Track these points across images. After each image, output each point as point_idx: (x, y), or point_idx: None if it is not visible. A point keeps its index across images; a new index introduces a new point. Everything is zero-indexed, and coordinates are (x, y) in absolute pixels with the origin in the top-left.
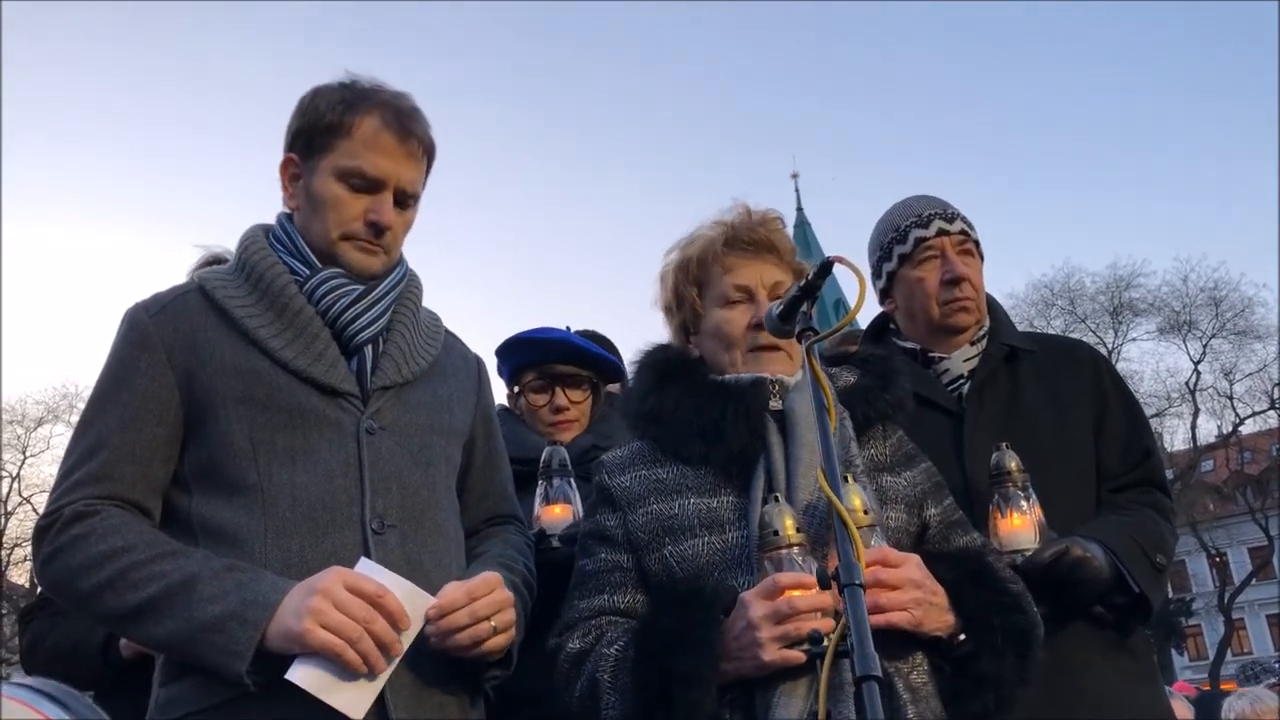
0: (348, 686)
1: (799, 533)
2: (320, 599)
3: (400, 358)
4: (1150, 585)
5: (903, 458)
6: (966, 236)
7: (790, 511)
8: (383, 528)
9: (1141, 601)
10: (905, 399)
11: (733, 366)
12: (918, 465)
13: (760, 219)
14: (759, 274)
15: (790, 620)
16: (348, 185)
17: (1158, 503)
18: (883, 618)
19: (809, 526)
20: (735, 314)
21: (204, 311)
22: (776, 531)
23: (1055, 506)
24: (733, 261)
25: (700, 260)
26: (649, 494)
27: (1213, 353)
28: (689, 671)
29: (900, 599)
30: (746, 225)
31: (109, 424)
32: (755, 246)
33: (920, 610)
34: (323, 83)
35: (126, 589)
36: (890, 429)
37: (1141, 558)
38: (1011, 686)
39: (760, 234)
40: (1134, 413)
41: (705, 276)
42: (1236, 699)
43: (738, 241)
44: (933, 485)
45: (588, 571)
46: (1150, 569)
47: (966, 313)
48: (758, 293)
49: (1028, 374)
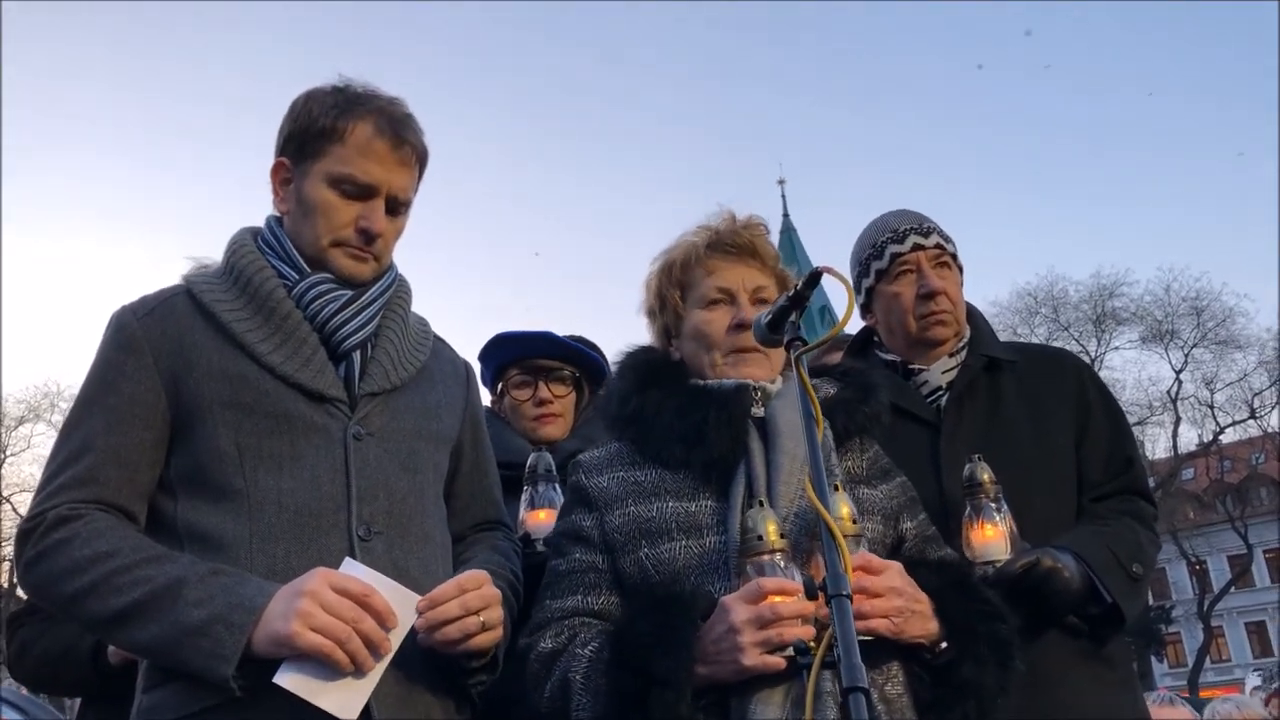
0: (337, 688)
1: (782, 539)
2: (308, 601)
3: (389, 363)
4: (1125, 595)
5: (879, 471)
6: (942, 250)
7: (774, 517)
8: (369, 534)
9: (1115, 611)
10: (882, 413)
11: (713, 368)
12: (893, 479)
13: (744, 223)
14: (741, 277)
15: (773, 626)
16: (339, 191)
17: (1139, 511)
18: (864, 624)
19: (789, 534)
20: (716, 315)
21: (191, 315)
22: (760, 536)
23: (1034, 516)
24: (715, 264)
25: (683, 263)
26: (627, 496)
27: (1194, 362)
28: (665, 674)
29: (883, 606)
30: (730, 229)
31: (94, 427)
32: (738, 250)
33: (902, 618)
34: (315, 86)
35: (111, 593)
36: (867, 442)
37: (1116, 568)
38: (993, 695)
39: (744, 238)
40: (1117, 421)
41: (687, 279)
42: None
43: (721, 244)
44: (908, 499)
45: (560, 571)
46: (1125, 578)
47: (944, 325)
48: (739, 295)
49: (1008, 384)
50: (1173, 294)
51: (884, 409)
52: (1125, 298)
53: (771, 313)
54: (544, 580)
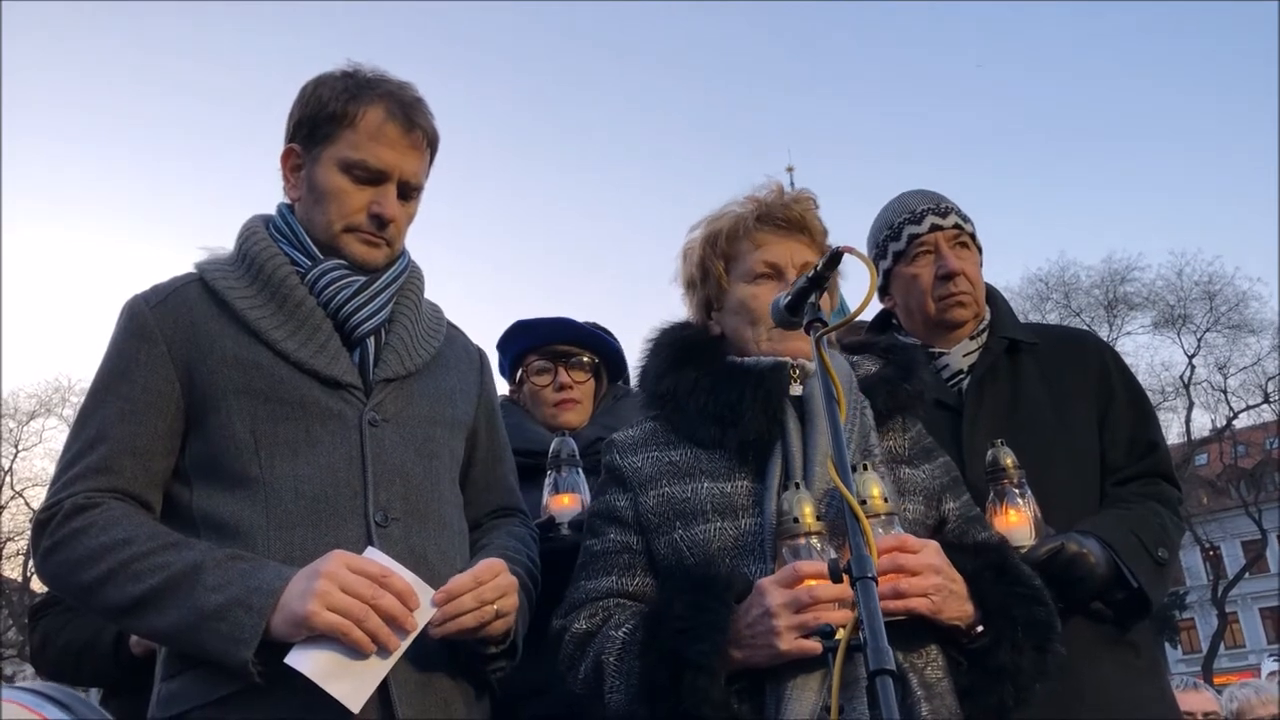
0: (348, 676)
1: (818, 521)
2: (325, 581)
3: (403, 350)
4: (1150, 580)
5: (921, 451)
6: (961, 230)
7: (810, 499)
8: (386, 520)
9: (1141, 597)
10: (925, 391)
11: (756, 344)
12: (936, 459)
13: (794, 197)
14: (789, 252)
15: (809, 610)
16: (351, 176)
17: (1162, 494)
18: (902, 603)
19: (827, 514)
20: (762, 290)
21: (205, 303)
22: (796, 519)
23: (1057, 500)
24: (764, 237)
25: (730, 234)
26: (661, 476)
27: (1207, 347)
28: (698, 657)
29: (921, 584)
30: (780, 202)
31: (109, 416)
32: (788, 224)
33: (940, 597)
34: (325, 71)
35: (128, 581)
36: (910, 421)
37: (1141, 552)
38: (1029, 680)
39: (794, 211)
40: (1140, 405)
41: (734, 251)
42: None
43: (770, 218)
44: (950, 480)
45: (595, 552)
46: (1151, 563)
47: (963, 307)
48: (787, 271)
49: (1030, 367)
50: (1185, 278)
51: (926, 387)
52: (1137, 283)
53: (791, 294)
54: (579, 560)
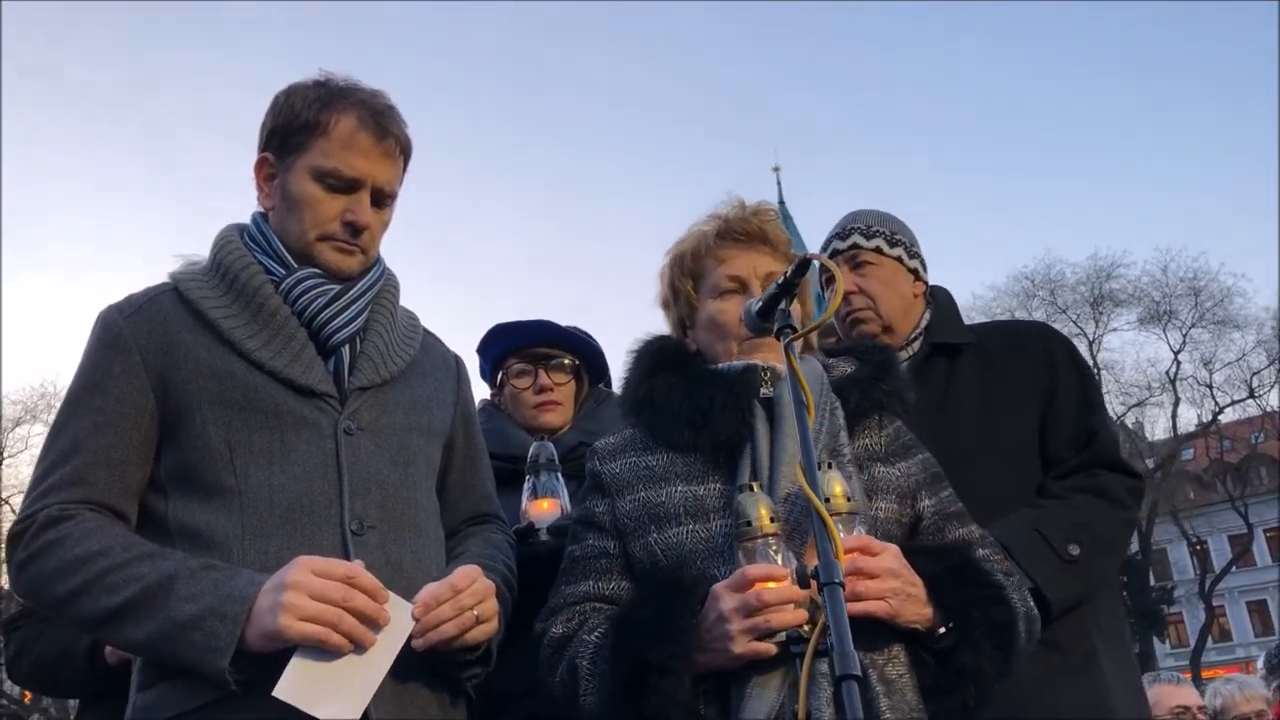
0: (337, 697)
1: (773, 522)
2: (291, 593)
3: (378, 358)
4: (1052, 578)
5: (899, 448)
6: (857, 248)
7: (765, 500)
8: (362, 529)
9: (1041, 596)
10: (903, 389)
11: (728, 356)
12: (914, 456)
13: (753, 210)
14: (752, 264)
15: (759, 613)
16: (324, 185)
17: (1100, 485)
18: (860, 606)
19: (790, 515)
20: (729, 304)
21: (179, 312)
22: (750, 521)
23: (984, 504)
24: (726, 253)
25: (694, 253)
26: (638, 481)
27: (1192, 342)
28: (663, 661)
29: (878, 588)
30: (739, 216)
31: (83, 428)
32: (748, 237)
33: (897, 600)
34: (297, 81)
35: (103, 592)
36: (887, 419)
37: (1043, 550)
38: (991, 680)
39: (753, 224)
40: (1083, 393)
41: (700, 269)
42: (1224, 684)
43: (730, 233)
44: (929, 476)
45: (575, 557)
46: (1055, 562)
47: (864, 323)
48: (751, 283)
49: (968, 368)
50: (1170, 274)
51: (904, 385)
52: (1122, 279)
53: (762, 300)
54: (561, 565)
